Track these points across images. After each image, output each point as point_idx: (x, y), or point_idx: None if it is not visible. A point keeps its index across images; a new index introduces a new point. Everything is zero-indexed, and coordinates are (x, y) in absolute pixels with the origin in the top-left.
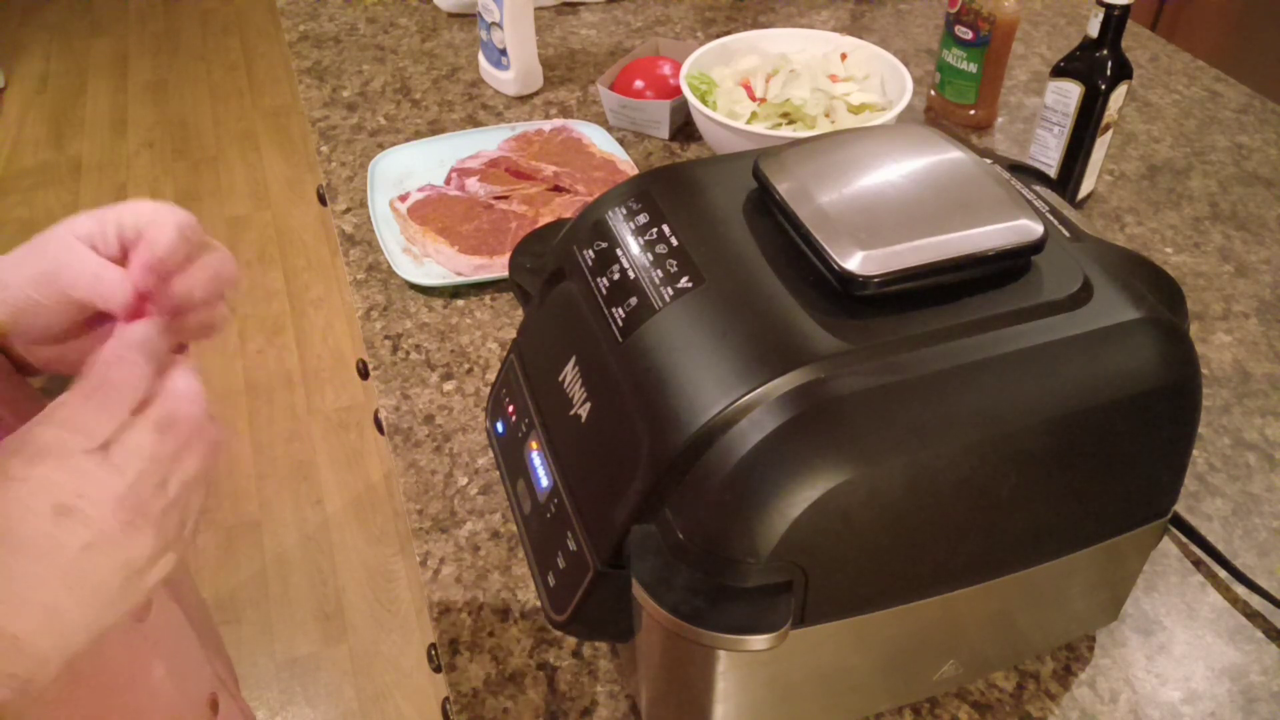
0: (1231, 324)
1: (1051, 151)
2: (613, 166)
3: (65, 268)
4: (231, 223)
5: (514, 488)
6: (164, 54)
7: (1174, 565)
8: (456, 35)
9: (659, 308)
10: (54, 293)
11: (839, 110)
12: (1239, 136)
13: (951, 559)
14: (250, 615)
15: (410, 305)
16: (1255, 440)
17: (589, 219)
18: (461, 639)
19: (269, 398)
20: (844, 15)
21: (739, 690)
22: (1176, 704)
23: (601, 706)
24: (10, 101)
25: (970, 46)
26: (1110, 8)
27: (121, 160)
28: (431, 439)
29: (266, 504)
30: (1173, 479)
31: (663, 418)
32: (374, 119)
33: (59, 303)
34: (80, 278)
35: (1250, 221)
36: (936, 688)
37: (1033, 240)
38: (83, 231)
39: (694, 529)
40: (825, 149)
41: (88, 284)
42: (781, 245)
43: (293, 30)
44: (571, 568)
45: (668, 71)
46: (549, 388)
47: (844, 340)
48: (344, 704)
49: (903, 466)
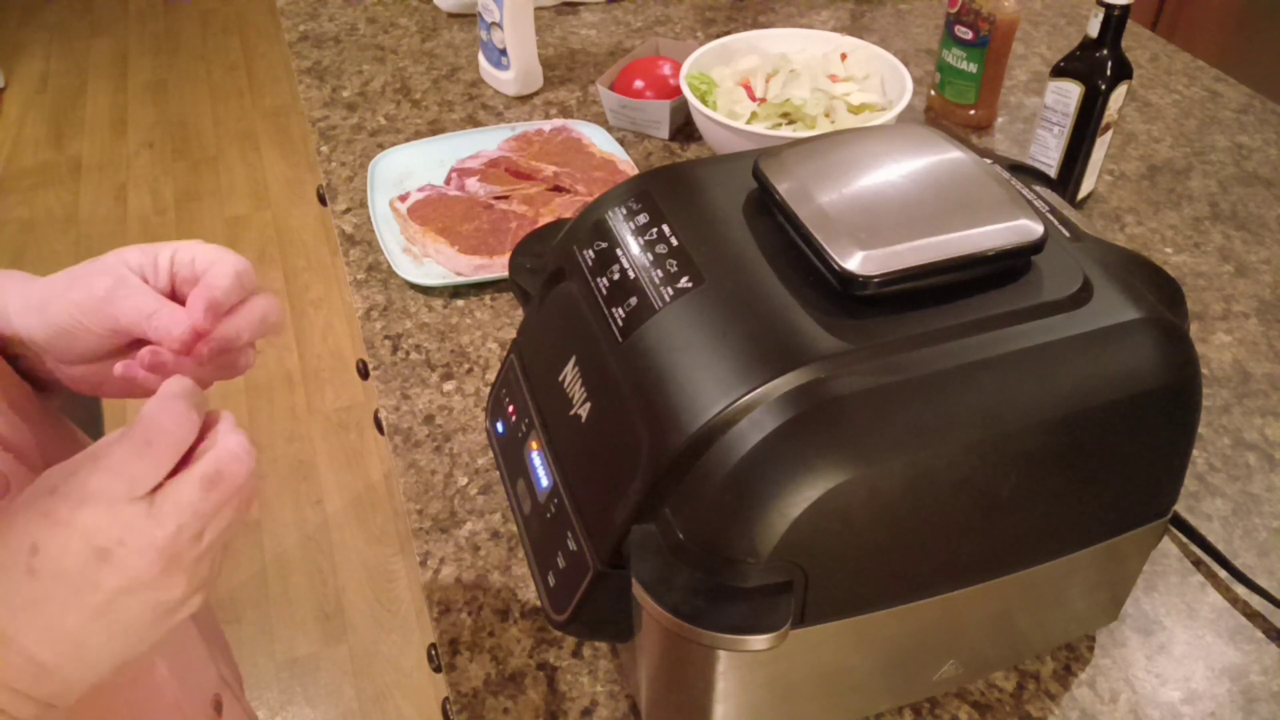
0: (1231, 324)
1: (1051, 151)
2: (613, 166)
3: (119, 299)
4: (231, 223)
5: (514, 488)
6: (164, 54)
7: (1174, 565)
8: (456, 35)
9: (659, 308)
10: (102, 319)
11: (839, 110)
12: (1239, 136)
13: (951, 559)
14: (250, 615)
15: (410, 305)
16: (1255, 440)
17: (589, 219)
18: (461, 639)
19: (269, 398)
20: (844, 15)
21: (739, 690)
22: (1176, 704)
23: (601, 706)
24: (10, 101)
25: (970, 46)
26: (1110, 8)
27: (121, 160)
28: (431, 439)
29: (266, 504)
30: (1173, 479)
31: (663, 418)
32: (374, 119)
33: (103, 327)
34: (135, 311)
35: (1250, 221)
36: (936, 688)
37: (1033, 240)
38: (134, 263)
39: (694, 529)
40: (825, 149)
41: (142, 317)
42: (781, 245)
43: (293, 30)
44: (571, 568)
45: (668, 71)
46: (549, 388)
47: (844, 340)
48: (344, 704)
49: (903, 466)
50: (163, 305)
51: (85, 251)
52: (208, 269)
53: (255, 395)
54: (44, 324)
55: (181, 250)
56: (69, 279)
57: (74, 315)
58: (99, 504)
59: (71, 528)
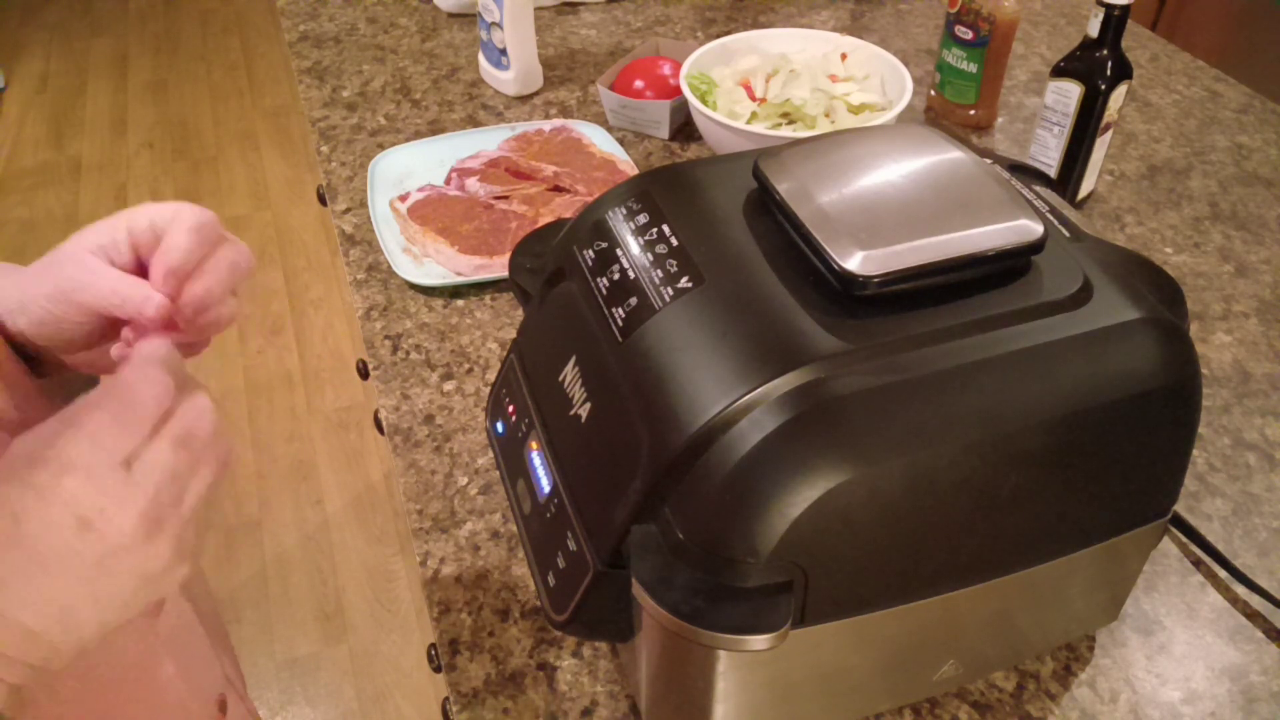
0: (1231, 324)
1: (1051, 151)
2: (613, 166)
3: (83, 286)
4: (231, 223)
5: (514, 488)
6: (164, 54)
7: (1174, 565)
8: (456, 35)
9: (659, 308)
10: (73, 308)
11: (839, 110)
12: (1239, 136)
13: (951, 559)
14: (250, 615)
15: (410, 305)
16: (1255, 440)
17: (589, 219)
18: (461, 639)
19: (269, 398)
20: (844, 15)
21: (739, 690)
22: (1176, 704)
23: (601, 706)
24: (10, 101)
25: (970, 46)
26: (1110, 8)
27: (121, 160)
28: (431, 439)
29: (266, 504)
30: (1173, 479)
31: (663, 418)
32: (374, 119)
33: (80, 316)
34: (101, 294)
35: (1250, 221)
36: (936, 688)
37: (1033, 240)
38: (93, 244)
39: (694, 529)
40: (825, 149)
41: (109, 299)
42: (781, 245)
43: (293, 30)
44: (571, 568)
45: (668, 71)
46: (549, 388)
47: (844, 340)
48: (344, 704)
49: (903, 466)
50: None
51: None
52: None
53: (255, 395)
54: (30, 322)
55: (136, 217)
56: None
57: (50, 310)
58: (78, 472)
59: (53, 497)
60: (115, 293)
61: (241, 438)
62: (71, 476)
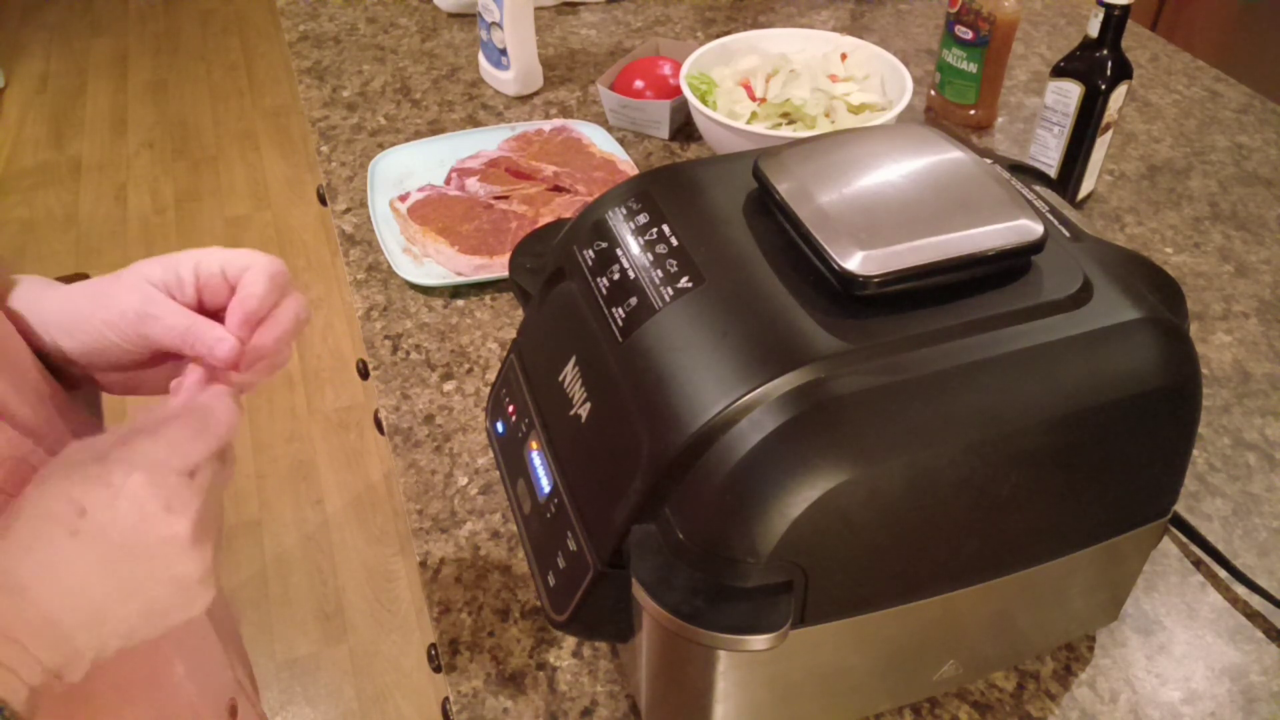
0: (1231, 324)
1: (1051, 151)
2: (613, 166)
3: (151, 319)
4: (231, 223)
5: (514, 488)
6: (164, 54)
7: (1174, 565)
8: (456, 35)
9: (659, 308)
10: (133, 337)
11: (839, 110)
12: (1239, 136)
13: (951, 559)
14: (250, 615)
15: (410, 305)
16: (1255, 440)
17: (589, 219)
18: (461, 639)
19: (269, 398)
20: (844, 15)
21: (739, 690)
22: (1176, 704)
23: (601, 706)
24: (10, 101)
25: (970, 46)
26: (1110, 8)
27: (121, 160)
28: (431, 439)
29: (266, 504)
30: (1173, 479)
31: (663, 418)
32: (374, 119)
33: (136, 344)
34: (173, 330)
35: (1250, 221)
36: (936, 688)
37: (1033, 240)
38: (157, 278)
39: (694, 529)
40: (825, 149)
41: (182, 336)
42: (781, 245)
43: (293, 30)
44: (571, 568)
45: (668, 71)
46: (549, 388)
47: (844, 340)
48: (344, 704)
49: (903, 466)
50: (197, 323)
51: (85, 251)
52: (240, 276)
53: (255, 395)
54: (75, 343)
55: (206, 261)
56: (92, 298)
57: (105, 335)
58: (150, 472)
59: (123, 492)
60: (190, 331)
61: (242, 438)
62: (142, 474)
